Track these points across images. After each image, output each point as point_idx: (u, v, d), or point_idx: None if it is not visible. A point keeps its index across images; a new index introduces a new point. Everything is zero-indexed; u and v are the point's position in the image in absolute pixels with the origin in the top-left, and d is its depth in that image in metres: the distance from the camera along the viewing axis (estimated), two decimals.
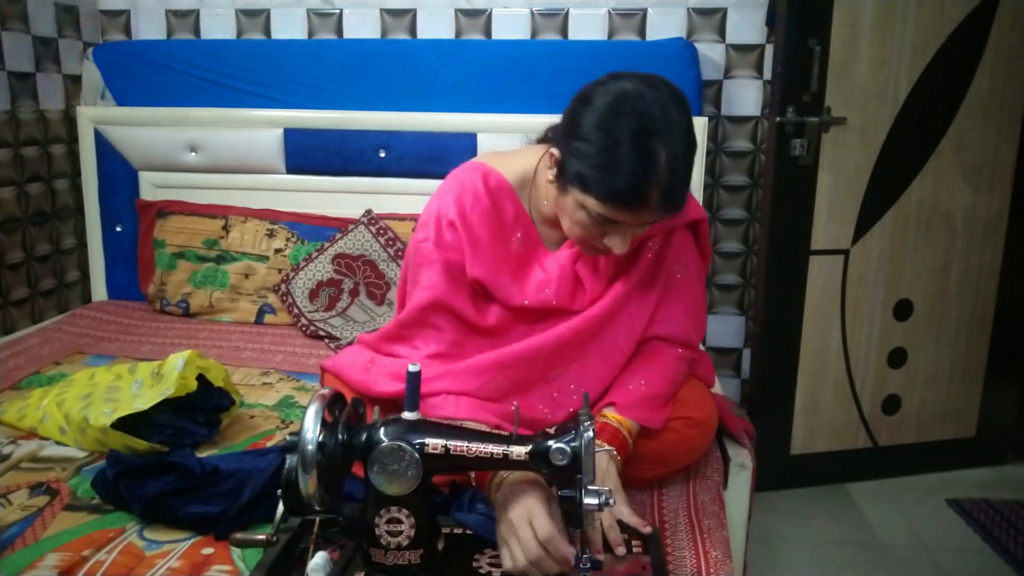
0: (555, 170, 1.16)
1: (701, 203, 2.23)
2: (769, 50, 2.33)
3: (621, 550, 1.04)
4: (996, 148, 2.27)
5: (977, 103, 2.22)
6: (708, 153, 2.30)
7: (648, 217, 1.11)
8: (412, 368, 0.98)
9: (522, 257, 1.28)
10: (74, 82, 2.42)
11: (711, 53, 2.35)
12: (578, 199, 1.12)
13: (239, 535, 1.01)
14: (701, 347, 1.46)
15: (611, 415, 1.20)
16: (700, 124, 2.18)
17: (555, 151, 1.16)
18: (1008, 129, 2.26)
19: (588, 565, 0.95)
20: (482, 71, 2.26)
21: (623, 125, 1.06)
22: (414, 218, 2.10)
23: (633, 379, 1.26)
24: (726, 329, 2.54)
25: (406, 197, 2.25)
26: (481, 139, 2.21)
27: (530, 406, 1.24)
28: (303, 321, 2.11)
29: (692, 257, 1.35)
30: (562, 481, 0.96)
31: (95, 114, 2.35)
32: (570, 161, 1.11)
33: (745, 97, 2.38)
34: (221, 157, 2.33)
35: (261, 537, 0.99)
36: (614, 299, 1.27)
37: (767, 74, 2.34)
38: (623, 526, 1.09)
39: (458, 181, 1.27)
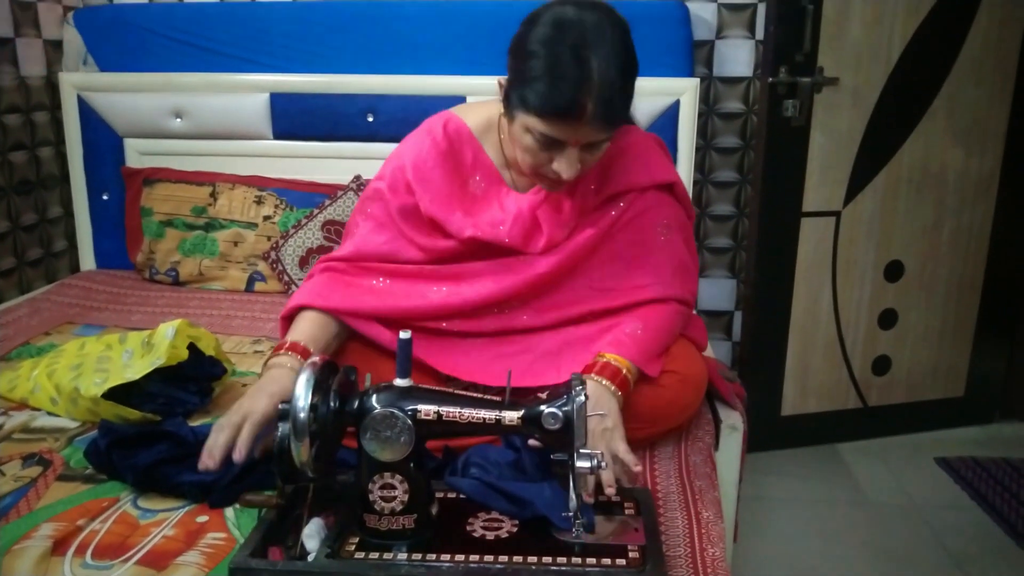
0: (503, 100, 1.20)
1: (692, 165, 2.22)
2: (762, 9, 2.30)
3: (612, 491, 1.05)
4: (988, 108, 2.26)
5: (970, 63, 2.20)
6: (700, 115, 2.28)
7: (588, 133, 1.14)
8: (403, 335, 0.98)
9: (481, 198, 1.33)
10: (55, 47, 2.38)
11: (703, 12, 2.32)
12: (523, 122, 1.16)
13: (249, 495, 1.01)
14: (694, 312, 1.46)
15: (610, 355, 1.22)
16: (692, 85, 2.16)
17: (502, 79, 1.20)
18: (1000, 89, 2.25)
19: (580, 530, 0.96)
20: (471, 32, 2.23)
21: (559, 41, 1.11)
22: None
23: (629, 326, 1.27)
24: (718, 292, 2.55)
25: None
26: (470, 102, 2.18)
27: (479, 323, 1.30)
28: (294, 288, 2.10)
29: (676, 219, 1.36)
30: (555, 444, 0.96)
31: (78, 80, 2.31)
32: (514, 85, 1.16)
33: (737, 57, 2.35)
34: (207, 123, 2.30)
35: (270, 494, 1.00)
36: (575, 249, 1.29)
37: (759, 34, 2.31)
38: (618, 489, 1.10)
39: (421, 128, 1.35)
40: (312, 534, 0.96)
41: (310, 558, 0.94)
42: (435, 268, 1.32)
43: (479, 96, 2.18)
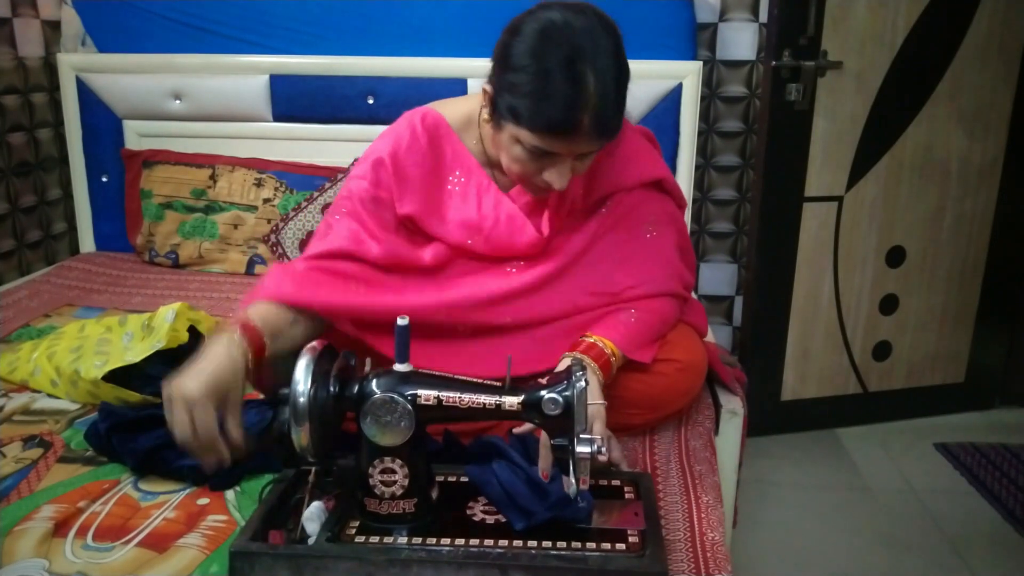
0: (489, 108, 1.16)
1: (694, 149, 2.21)
2: None
3: (602, 459, 1.03)
4: (993, 93, 2.25)
5: (975, 47, 2.18)
6: (702, 98, 2.26)
7: (583, 145, 1.11)
8: (401, 321, 0.97)
9: (461, 196, 1.28)
10: (53, 28, 2.36)
11: None
12: (512, 133, 1.12)
13: None
14: (694, 295, 1.46)
15: (596, 337, 1.20)
16: (694, 68, 2.14)
17: (488, 87, 1.16)
18: (1006, 73, 2.24)
19: (580, 514, 0.96)
20: (472, 14, 2.21)
21: (551, 53, 1.06)
22: None
23: (623, 314, 1.26)
24: (718, 276, 2.54)
25: None
26: (471, 84, 2.17)
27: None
28: None
29: (664, 213, 1.33)
30: (555, 430, 0.96)
31: (76, 61, 2.30)
32: (502, 95, 1.12)
33: (740, 41, 2.34)
34: (206, 105, 2.29)
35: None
36: (561, 257, 1.26)
37: (763, 17, 2.29)
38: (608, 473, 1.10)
39: (397, 123, 1.31)
40: (312, 518, 0.96)
41: (310, 541, 0.94)
42: (418, 279, 1.27)
43: (480, 78, 2.16)
